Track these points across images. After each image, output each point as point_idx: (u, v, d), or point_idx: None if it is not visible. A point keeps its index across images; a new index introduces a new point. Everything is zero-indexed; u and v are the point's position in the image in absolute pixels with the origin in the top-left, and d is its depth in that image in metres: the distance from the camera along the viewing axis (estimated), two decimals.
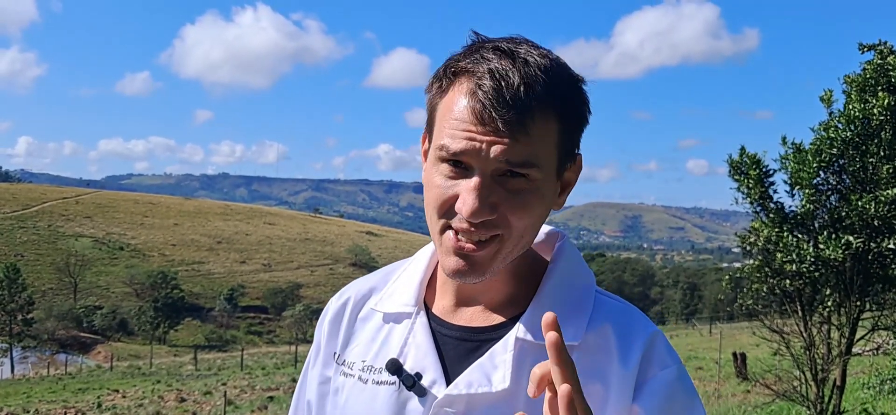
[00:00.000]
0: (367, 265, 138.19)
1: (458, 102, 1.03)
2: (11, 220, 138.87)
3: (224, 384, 30.93)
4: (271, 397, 25.25)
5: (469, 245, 1.04)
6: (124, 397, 30.97)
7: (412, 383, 1.11)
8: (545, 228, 1.20)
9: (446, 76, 1.07)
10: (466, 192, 1.02)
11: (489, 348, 1.10)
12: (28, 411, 28.03)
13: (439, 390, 1.09)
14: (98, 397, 30.61)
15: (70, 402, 30.30)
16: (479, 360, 1.10)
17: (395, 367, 1.13)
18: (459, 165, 1.03)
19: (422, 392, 1.10)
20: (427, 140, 1.14)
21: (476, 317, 1.15)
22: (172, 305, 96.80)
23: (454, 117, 1.03)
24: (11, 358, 70.06)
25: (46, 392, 36.00)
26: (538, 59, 1.03)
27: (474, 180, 1.01)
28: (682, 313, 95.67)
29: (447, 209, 1.05)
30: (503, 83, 1.00)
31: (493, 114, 0.99)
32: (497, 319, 1.13)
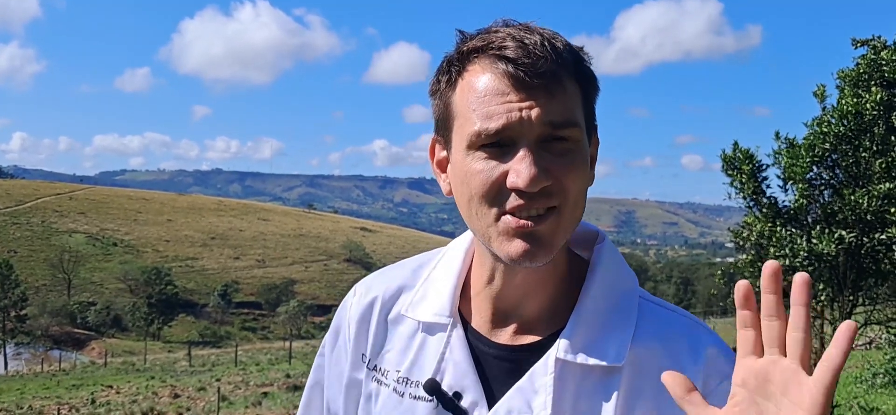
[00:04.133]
0: (361, 261, 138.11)
1: (481, 81, 0.98)
2: (4, 216, 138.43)
3: (218, 380, 30.91)
4: (265, 393, 25.23)
5: (529, 222, 0.97)
6: (118, 393, 30.95)
7: (453, 405, 1.06)
8: (583, 224, 1.12)
9: (456, 64, 1.02)
10: (518, 163, 0.95)
11: (529, 367, 1.04)
12: (22, 408, 27.98)
13: (480, 414, 1.05)
14: (92, 394, 30.57)
15: (64, 398, 30.26)
16: (519, 383, 1.04)
17: (433, 388, 1.07)
18: (497, 145, 0.97)
19: (462, 413, 1.06)
20: (443, 146, 1.08)
21: (515, 332, 1.09)
22: (166, 301, 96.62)
23: (481, 97, 0.97)
24: (5, 354, 69.90)
25: (40, 388, 35.94)
26: (543, 28, 1.01)
27: (523, 151, 0.95)
28: None
29: (497, 193, 0.97)
30: (528, 42, 0.96)
31: (527, 75, 0.94)
32: (536, 336, 1.07)
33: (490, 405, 1.05)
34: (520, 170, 0.94)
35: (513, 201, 0.96)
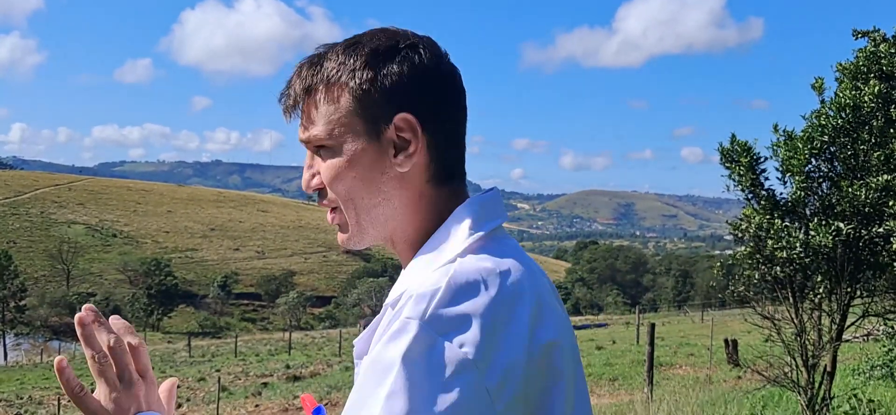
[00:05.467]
0: (360, 253, 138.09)
1: None
2: (4, 207, 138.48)
3: (218, 371, 30.98)
4: (265, 384, 25.29)
5: (329, 215, 1.19)
6: None
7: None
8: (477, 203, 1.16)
9: None
10: None
11: None
12: (22, 398, 28.05)
13: None
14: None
15: (63, 389, 30.28)
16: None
17: None
18: None
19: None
20: None
21: None
22: (166, 292, 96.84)
23: None
24: (4, 345, 70.07)
25: (40, 379, 36.04)
26: (324, 49, 1.13)
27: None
28: (675, 300, 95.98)
29: None
30: (291, 75, 1.14)
31: (280, 102, 1.15)
32: None
33: None
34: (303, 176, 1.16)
35: None
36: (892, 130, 6.90)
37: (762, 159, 7.39)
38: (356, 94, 1.08)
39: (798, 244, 6.80)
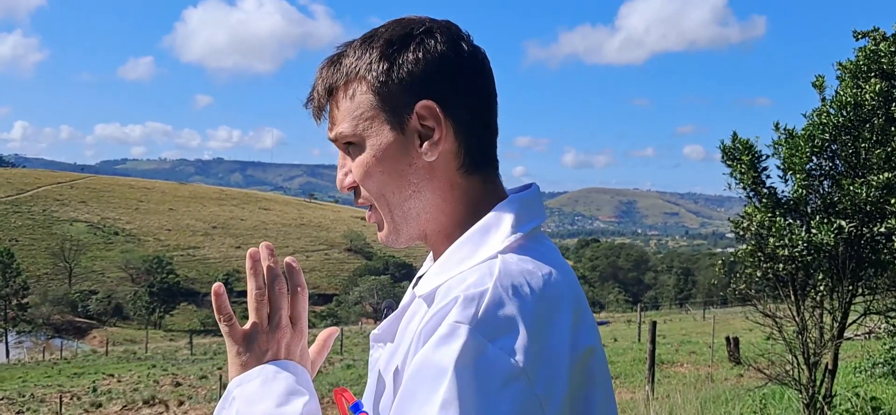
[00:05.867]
0: (361, 251, 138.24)
1: None
2: (5, 205, 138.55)
3: (220, 369, 30.98)
4: None
5: (367, 215, 1.22)
6: (120, 381, 31.04)
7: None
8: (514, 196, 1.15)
9: None
10: None
11: None
12: (24, 396, 28.08)
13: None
14: (93, 382, 30.67)
15: (65, 386, 30.37)
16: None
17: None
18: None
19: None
20: None
21: None
22: (168, 290, 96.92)
23: None
24: (7, 343, 70.15)
25: (42, 377, 36.06)
26: (343, 47, 1.15)
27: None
28: (676, 298, 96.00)
29: None
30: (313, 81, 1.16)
31: (310, 108, 1.16)
32: None
33: None
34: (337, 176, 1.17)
35: None
36: (892, 129, 6.90)
37: (764, 157, 7.38)
38: (375, 87, 1.08)
39: (800, 242, 6.80)
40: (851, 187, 6.79)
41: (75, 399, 26.00)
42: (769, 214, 7.11)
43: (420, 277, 1.19)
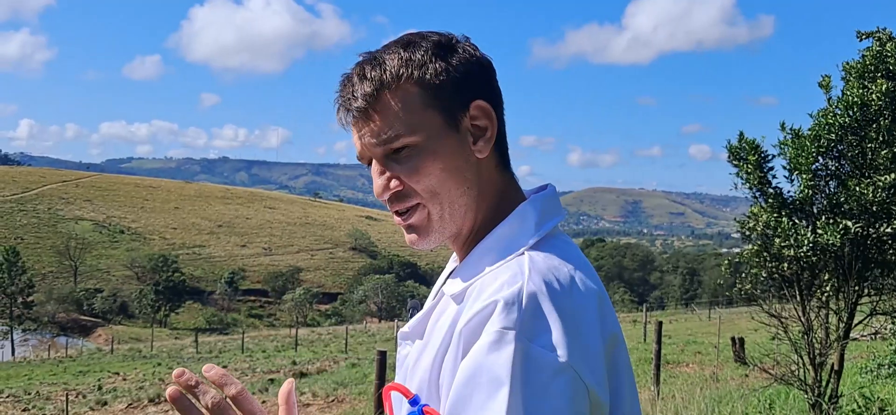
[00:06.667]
0: (366, 250, 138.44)
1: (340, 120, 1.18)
2: (11, 203, 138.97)
3: (225, 367, 30.96)
4: (272, 380, 25.32)
5: (402, 219, 1.15)
6: (125, 379, 31.09)
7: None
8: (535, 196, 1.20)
9: None
10: (374, 178, 1.15)
11: None
12: (29, 394, 28.15)
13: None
14: (99, 380, 30.73)
15: (71, 384, 30.42)
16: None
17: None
18: (371, 164, 1.16)
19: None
20: None
21: None
22: (173, 288, 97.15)
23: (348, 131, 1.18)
24: (12, 341, 70.35)
25: (47, 375, 36.15)
26: (377, 51, 1.15)
27: (374, 168, 1.14)
28: (682, 298, 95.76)
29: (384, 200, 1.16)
30: (348, 81, 1.13)
31: (349, 110, 1.13)
32: None
33: None
34: (374, 184, 1.14)
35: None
36: None
37: (770, 157, 7.36)
38: (430, 86, 1.10)
39: (805, 243, 6.78)
40: (857, 188, 6.77)
41: (81, 397, 26.03)
42: (775, 215, 7.09)
43: (448, 276, 1.22)
